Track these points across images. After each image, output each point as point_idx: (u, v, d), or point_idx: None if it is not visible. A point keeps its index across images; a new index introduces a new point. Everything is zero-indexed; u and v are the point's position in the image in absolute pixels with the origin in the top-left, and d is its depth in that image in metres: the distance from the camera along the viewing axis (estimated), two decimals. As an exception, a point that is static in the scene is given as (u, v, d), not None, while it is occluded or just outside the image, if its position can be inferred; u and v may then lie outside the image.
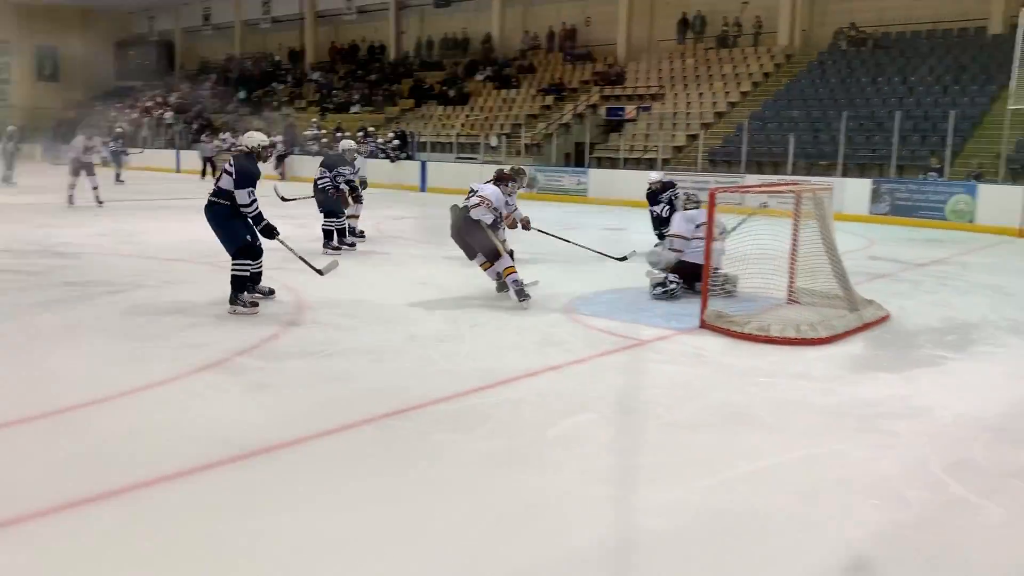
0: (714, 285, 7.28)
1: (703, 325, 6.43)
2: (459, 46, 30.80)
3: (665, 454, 3.93)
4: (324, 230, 10.34)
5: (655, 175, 10.42)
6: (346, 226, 10.62)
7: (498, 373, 5.05)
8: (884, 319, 6.82)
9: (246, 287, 6.67)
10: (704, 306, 6.51)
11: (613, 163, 21.22)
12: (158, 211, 15.77)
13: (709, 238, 6.67)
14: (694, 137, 20.65)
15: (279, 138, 25.64)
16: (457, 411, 4.42)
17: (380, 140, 24.68)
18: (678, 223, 7.94)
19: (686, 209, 8.10)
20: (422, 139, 25.52)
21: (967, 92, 18.56)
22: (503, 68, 28.08)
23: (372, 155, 23.38)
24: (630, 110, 23.25)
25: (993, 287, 8.75)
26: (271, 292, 7.11)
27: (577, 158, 23.15)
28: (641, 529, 3.19)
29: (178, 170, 29.08)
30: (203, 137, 26.88)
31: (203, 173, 25.28)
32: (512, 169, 8.74)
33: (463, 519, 3.21)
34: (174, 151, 30.48)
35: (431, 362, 5.35)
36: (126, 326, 6.16)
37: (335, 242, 10.27)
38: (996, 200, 14.63)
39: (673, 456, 3.90)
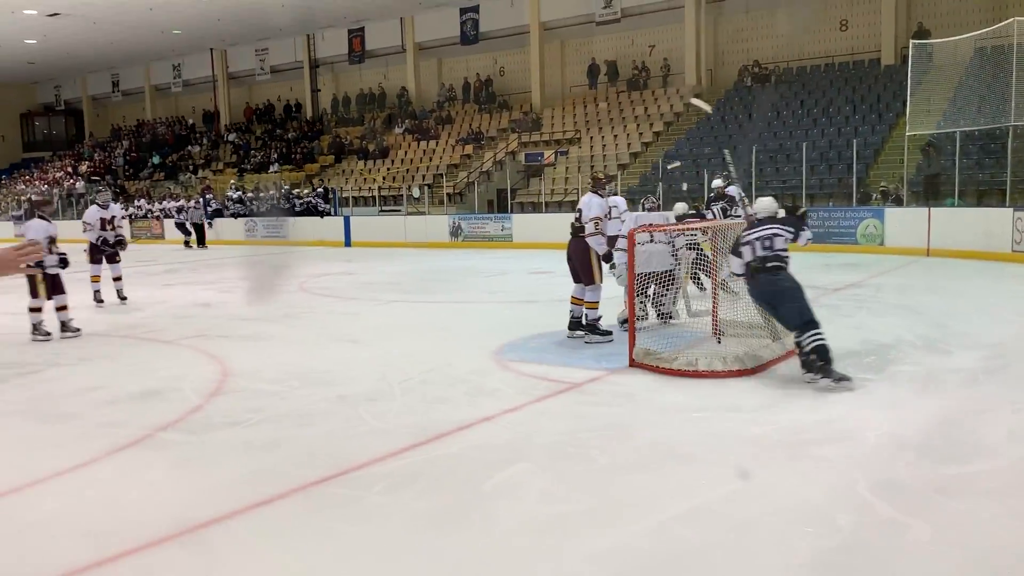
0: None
1: (632, 364, 6.49)
2: (375, 101, 30.98)
3: (602, 499, 3.92)
4: None
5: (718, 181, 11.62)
6: None
7: (430, 429, 4.98)
8: (806, 345, 6.98)
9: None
10: (632, 344, 6.58)
11: (535, 207, 21.49)
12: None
13: (631, 275, 6.77)
14: (612, 178, 21.05)
15: (192, 203, 25.24)
16: (390, 471, 4.33)
17: (305, 194, 24.63)
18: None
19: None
20: (344, 194, 25.45)
21: (867, 121, 19.47)
22: (421, 120, 28.31)
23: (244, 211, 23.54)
24: (548, 155, 23.66)
25: (906, 307, 9.09)
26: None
27: (500, 204, 23.37)
28: (582, 578, 3.16)
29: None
30: (191, 203, 25.02)
31: (200, 241, 23.59)
32: (603, 172, 8.94)
33: (401, 585, 3.13)
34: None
35: (361, 422, 5.25)
36: (39, 408, 5.89)
37: None
38: (903, 222, 15.29)
39: (611, 500, 3.89)
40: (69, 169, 36.76)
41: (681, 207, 10.08)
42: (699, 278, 9.23)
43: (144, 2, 25.12)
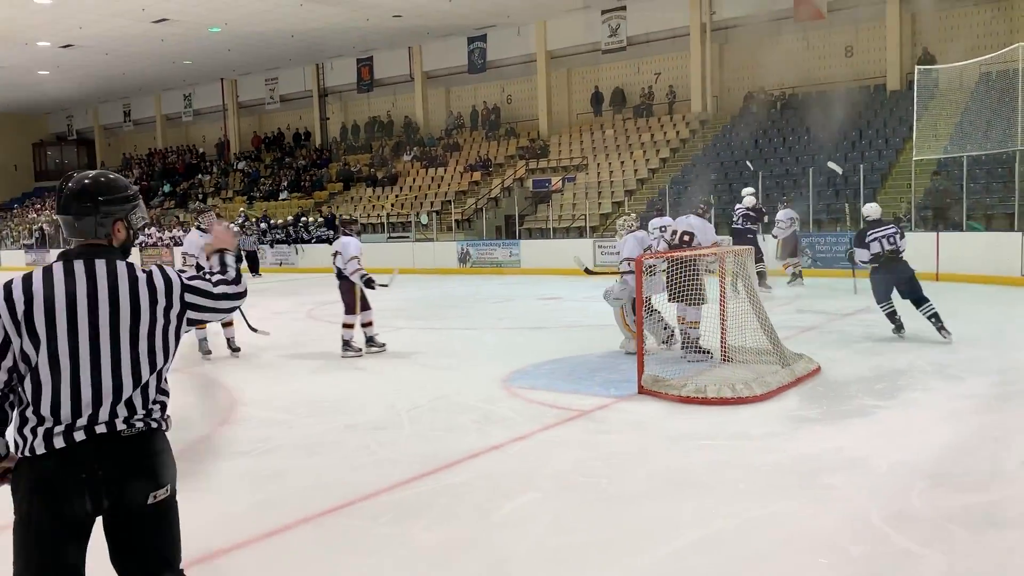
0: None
1: (641, 390, 6.46)
2: (384, 128, 31.19)
3: (612, 529, 3.88)
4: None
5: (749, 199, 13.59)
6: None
7: (439, 458, 4.96)
8: (815, 372, 6.96)
9: None
10: (640, 371, 6.56)
11: (543, 233, 21.53)
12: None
13: (640, 305, 6.76)
14: (620, 204, 21.12)
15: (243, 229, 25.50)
16: (398, 502, 4.31)
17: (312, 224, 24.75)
18: (631, 248, 8.04)
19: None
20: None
21: (874, 146, 19.49)
22: (429, 148, 28.48)
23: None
24: (556, 181, 23.74)
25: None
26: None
27: (508, 230, 23.42)
28: (592, 611, 3.12)
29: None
30: (244, 226, 24.10)
31: (253, 268, 22.99)
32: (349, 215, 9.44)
33: (409, 617, 3.10)
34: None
35: (370, 452, 5.24)
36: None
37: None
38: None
39: (621, 530, 3.86)
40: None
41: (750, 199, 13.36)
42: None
43: (156, 33, 25.42)
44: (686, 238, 8.40)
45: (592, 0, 23.85)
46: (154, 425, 2.34)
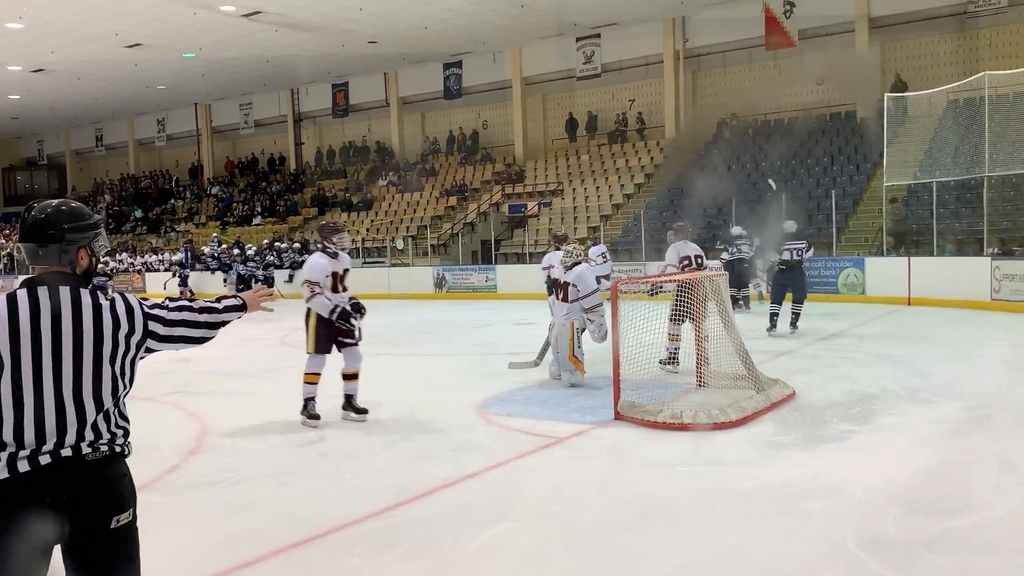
0: None
1: (618, 416, 6.44)
2: (359, 153, 31.16)
3: (590, 558, 3.84)
4: None
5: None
6: None
7: (414, 487, 4.89)
8: (790, 397, 6.98)
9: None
10: (617, 397, 6.54)
11: (520, 258, 21.54)
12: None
13: (616, 330, 6.75)
14: (595, 228, 21.21)
15: (179, 255, 25.21)
16: (372, 532, 4.24)
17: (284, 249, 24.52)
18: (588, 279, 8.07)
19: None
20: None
21: (845, 171, 19.76)
22: (405, 172, 28.49)
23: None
24: (532, 206, 23.82)
25: (889, 356, 9.11)
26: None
27: (484, 255, 23.42)
28: (568, 644, 3.07)
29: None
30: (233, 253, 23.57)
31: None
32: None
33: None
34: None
35: (342, 481, 5.16)
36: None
37: None
38: (884, 272, 15.43)
39: (596, 560, 3.82)
40: (51, 223, 36.63)
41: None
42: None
43: (129, 58, 25.29)
44: (699, 260, 9.05)
45: (567, 28, 24.08)
46: (117, 449, 2.36)
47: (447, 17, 22.31)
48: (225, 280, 22.58)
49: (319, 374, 6.71)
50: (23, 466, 2.20)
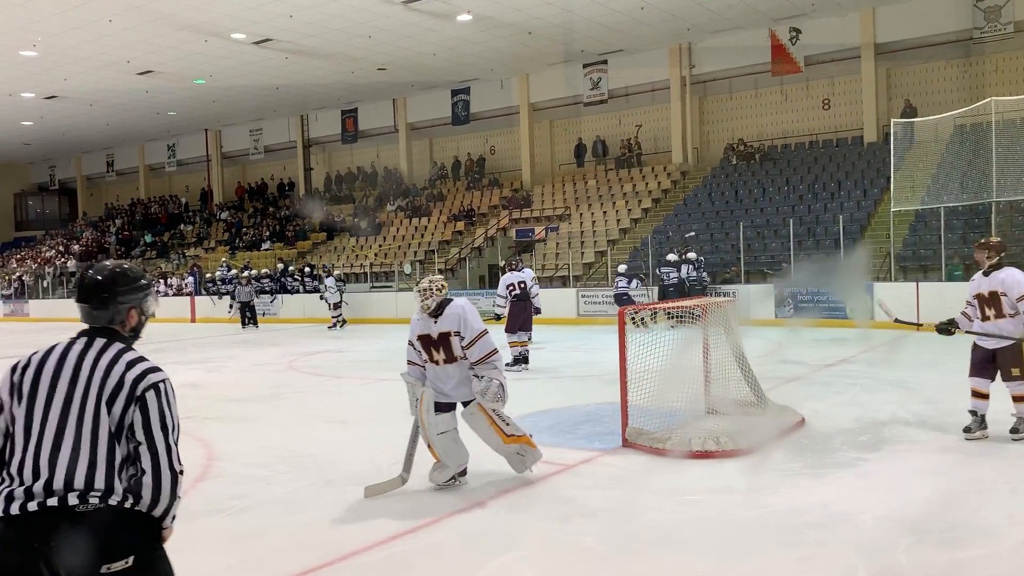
0: None
1: (625, 443, 6.41)
2: (368, 179, 31.34)
3: (596, 588, 3.81)
4: None
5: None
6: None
7: (420, 514, 4.88)
8: (800, 424, 6.94)
9: None
10: (624, 424, 6.51)
11: (527, 283, 21.52)
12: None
13: (623, 358, 6.74)
14: (602, 253, 21.25)
15: (189, 279, 25.28)
16: (379, 561, 4.22)
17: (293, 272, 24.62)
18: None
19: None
20: (336, 271, 25.50)
21: (852, 196, 19.77)
22: (413, 198, 28.62)
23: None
24: (539, 231, 23.88)
25: (898, 382, 9.06)
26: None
27: (491, 280, 23.45)
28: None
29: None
30: (241, 276, 22.76)
31: (253, 320, 22.02)
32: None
33: None
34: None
35: (349, 509, 5.13)
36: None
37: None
38: (892, 297, 15.33)
39: (604, 590, 3.79)
40: (61, 248, 36.85)
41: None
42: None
43: (141, 85, 25.59)
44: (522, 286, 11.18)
45: (574, 55, 24.27)
46: (113, 503, 2.31)
47: (455, 45, 22.53)
48: (231, 306, 22.61)
49: None
50: (14, 508, 2.24)
